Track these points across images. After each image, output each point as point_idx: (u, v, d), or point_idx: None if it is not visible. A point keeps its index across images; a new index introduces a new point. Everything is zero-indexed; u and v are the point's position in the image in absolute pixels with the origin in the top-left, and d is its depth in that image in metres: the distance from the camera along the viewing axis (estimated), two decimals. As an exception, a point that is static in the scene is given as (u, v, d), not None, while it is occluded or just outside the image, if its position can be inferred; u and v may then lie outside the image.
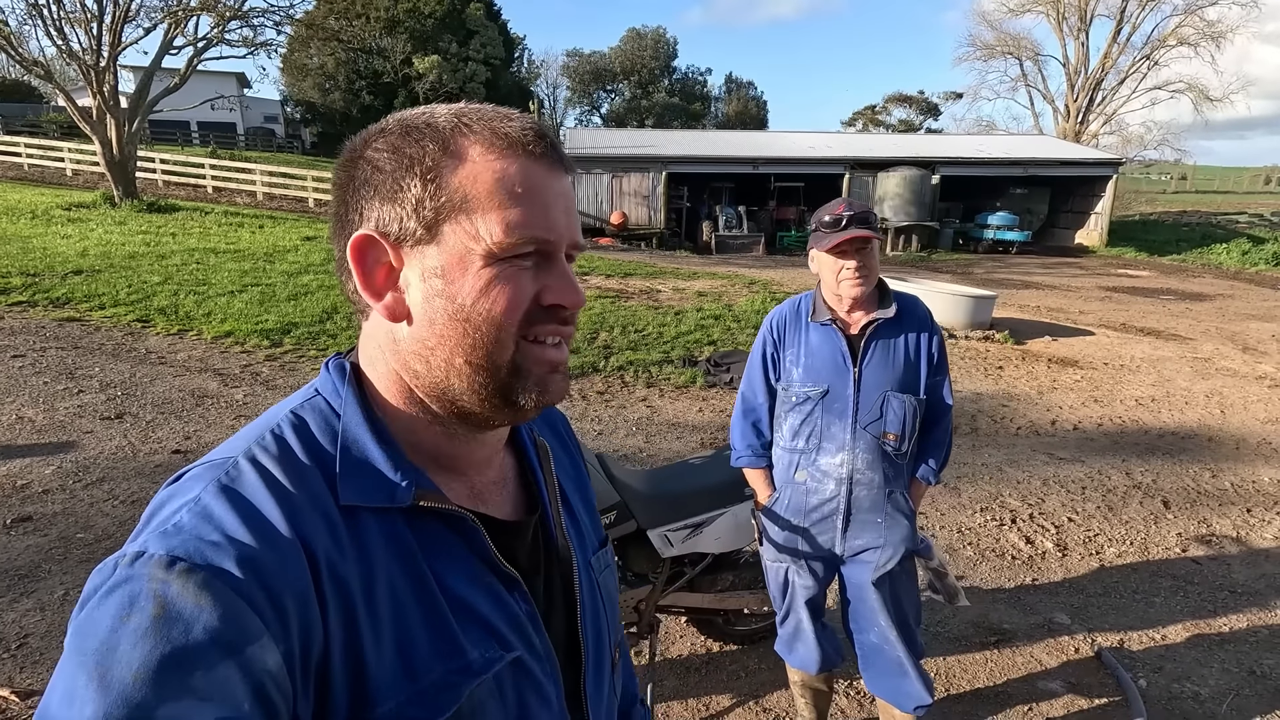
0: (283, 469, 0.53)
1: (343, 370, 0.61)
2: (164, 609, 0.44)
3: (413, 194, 0.55)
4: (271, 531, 0.50)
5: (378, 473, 0.56)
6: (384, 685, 0.52)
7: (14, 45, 13.88)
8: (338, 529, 0.53)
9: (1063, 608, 3.11)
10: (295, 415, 0.58)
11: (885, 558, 1.90)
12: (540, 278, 0.58)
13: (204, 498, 0.50)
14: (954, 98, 47.14)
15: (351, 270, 0.57)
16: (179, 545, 0.46)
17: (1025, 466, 4.73)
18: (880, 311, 1.86)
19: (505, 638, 0.59)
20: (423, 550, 0.57)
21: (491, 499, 0.65)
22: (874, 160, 21.51)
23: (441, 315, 0.56)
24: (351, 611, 0.51)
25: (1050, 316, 10.38)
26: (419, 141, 0.56)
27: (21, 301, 7.66)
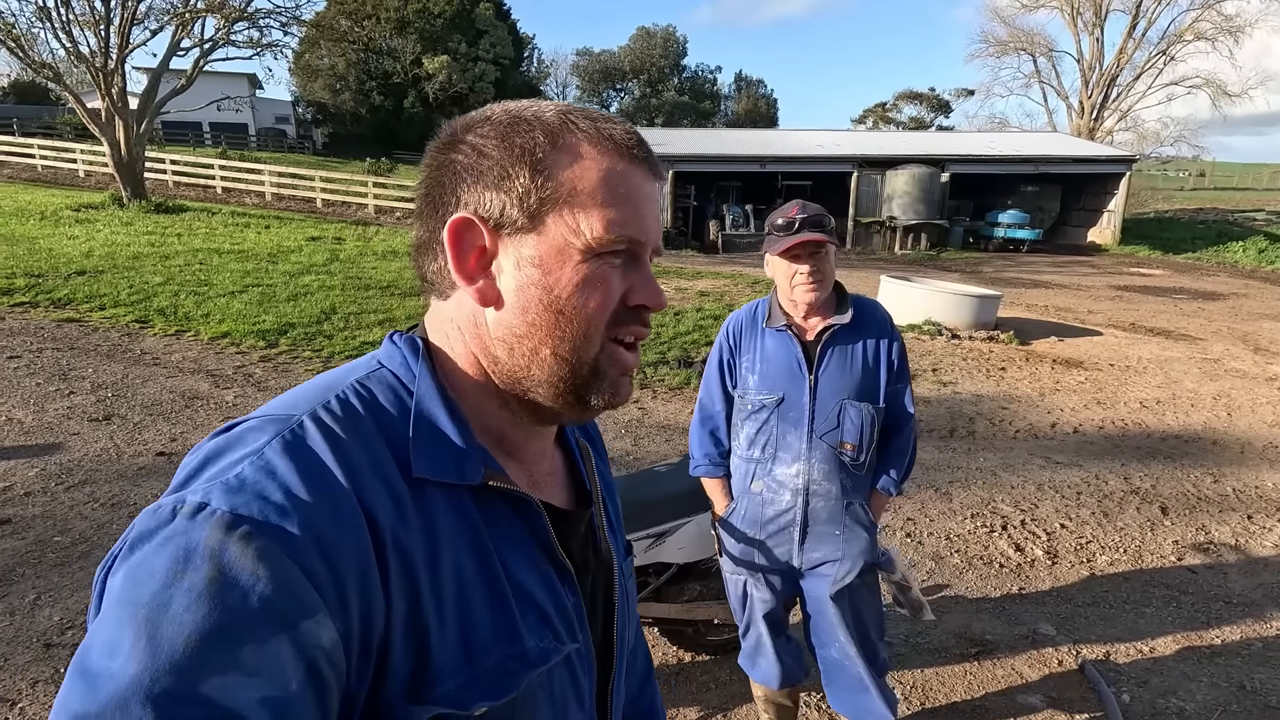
0: (350, 434, 0.52)
1: (415, 346, 0.60)
2: (221, 573, 0.42)
3: (520, 183, 0.56)
4: (337, 497, 0.48)
5: (450, 448, 0.55)
6: (445, 664, 0.51)
7: (23, 48, 14.04)
8: (403, 501, 0.52)
9: (1049, 618, 3.03)
10: (361, 385, 0.56)
11: (843, 571, 1.84)
12: (628, 277, 0.59)
13: (269, 453, 0.48)
14: (966, 95, 46.66)
15: (446, 251, 0.57)
16: (243, 504, 0.45)
17: (1021, 471, 4.63)
18: (837, 317, 1.80)
19: (557, 629, 0.59)
20: (487, 529, 0.56)
21: (547, 489, 0.66)
22: (883, 158, 21.33)
23: (536, 304, 0.57)
24: (415, 586, 0.50)
25: (1058, 316, 10.22)
26: (529, 132, 0.57)
27: (24, 302, 7.73)
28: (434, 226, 0.59)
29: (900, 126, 47.22)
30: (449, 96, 35.70)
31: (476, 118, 0.60)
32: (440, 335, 0.61)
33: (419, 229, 0.61)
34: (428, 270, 0.61)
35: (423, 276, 0.61)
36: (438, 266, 0.59)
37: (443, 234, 0.57)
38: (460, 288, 0.58)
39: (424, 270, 0.61)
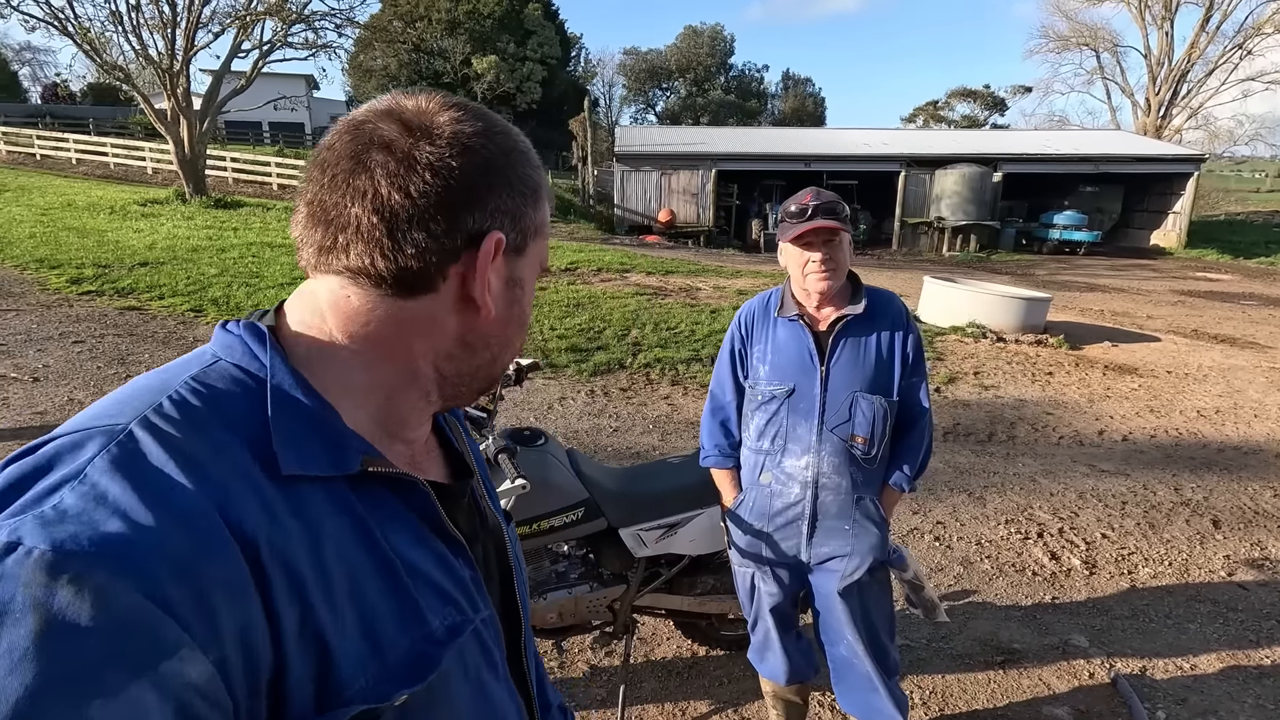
0: (194, 438, 0.46)
1: (259, 333, 0.56)
2: (48, 624, 0.36)
3: (530, 209, 0.60)
4: (191, 514, 0.43)
5: (320, 440, 0.52)
6: (351, 664, 0.48)
7: (97, 51, 14.82)
8: (275, 504, 0.48)
9: (1082, 629, 2.91)
10: (198, 381, 0.51)
11: (852, 567, 1.80)
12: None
13: (92, 474, 0.41)
14: (1023, 92, 45.09)
15: (474, 262, 0.56)
16: (67, 539, 0.38)
17: (1062, 478, 4.45)
18: (850, 307, 1.76)
19: (459, 604, 0.58)
20: (372, 517, 0.54)
21: (428, 467, 0.66)
22: (932, 157, 20.81)
23: (515, 320, 0.62)
24: (303, 592, 0.47)
25: (1113, 321, 9.79)
26: (532, 160, 0.62)
27: (91, 290, 8.16)
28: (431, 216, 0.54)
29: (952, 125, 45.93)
30: (496, 96, 36.24)
31: (505, 129, 0.60)
32: (321, 320, 0.56)
33: (355, 197, 0.53)
34: (353, 251, 0.53)
35: (339, 256, 0.54)
36: (392, 253, 0.53)
37: (458, 241, 0.55)
38: (452, 296, 0.57)
39: (347, 250, 0.54)
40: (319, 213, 0.55)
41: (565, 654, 2.64)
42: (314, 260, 0.56)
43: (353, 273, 0.55)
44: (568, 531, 2.12)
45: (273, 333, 0.57)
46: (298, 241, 0.57)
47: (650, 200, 20.69)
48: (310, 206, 0.55)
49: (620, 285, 10.34)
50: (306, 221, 0.56)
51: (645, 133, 25.85)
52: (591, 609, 2.26)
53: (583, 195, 23.84)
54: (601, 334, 7.44)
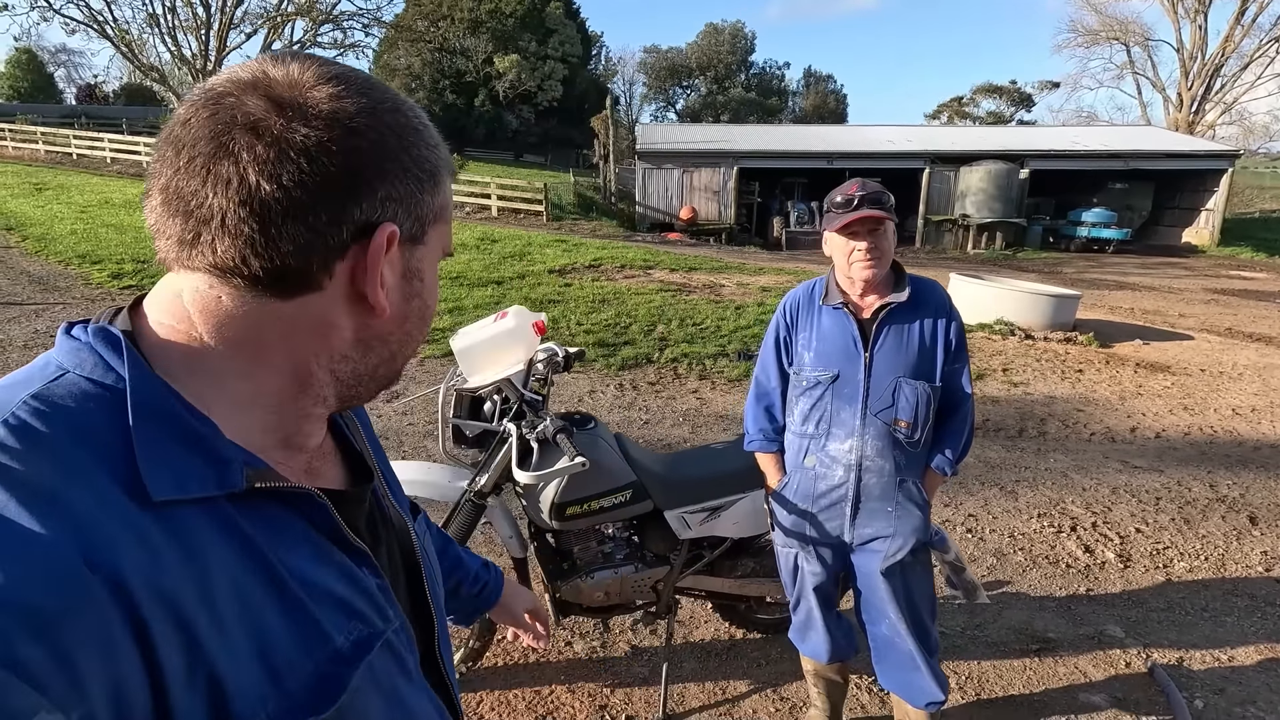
0: (42, 469, 0.41)
1: (111, 338, 0.48)
2: None
3: (427, 194, 0.55)
4: (43, 559, 0.38)
5: (197, 456, 0.46)
6: (250, 696, 0.45)
7: (134, 52, 15.19)
8: (147, 533, 0.42)
9: (1117, 620, 2.92)
10: (39, 400, 0.44)
11: (895, 547, 1.85)
12: None
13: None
14: (1050, 87, 44.38)
15: (365, 258, 0.51)
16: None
17: (1094, 474, 4.44)
18: (894, 295, 1.81)
19: (367, 617, 0.55)
20: (261, 537, 0.49)
21: (325, 473, 0.61)
22: (957, 154, 20.60)
23: (415, 314, 0.58)
24: (189, 630, 0.42)
25: (1144, 319, 9.67)
26: (427, 138, 0.55)
27: (131, 285, 8.41)
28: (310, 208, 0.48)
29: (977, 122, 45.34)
30: (518, 95, 36.46)
31: (395, 103, 0.53)
32: (188, 323, 0.50)
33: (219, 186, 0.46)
34: (220, 247, 0.47)
35: (204, 252, 0.47)
36: (266, 251, 0.47)
37: (343, 235, 0.49)
38: (340, 294, 0.52)
39: (213, 246, 0.47)
40: (176, 201, 0.47)
41: (611, 634, 2.72)
42: (174, 254, 0.49)
43: (221, 271, 0.48)
44: (616, 512, 2.19)
45: (129, 338, 0.49)
46: (153, 230, 0.49)
47: (672, 198, 20.72)
48: (165, 193, 0.48)
49: (644, 282, 10.40)
50: (162, 210, 0.48)
51: (667, 130, 25.88)
52: (636, 589, 2.33)
53: (604, 193, 23.93)
54: (628, 329, 7.51)
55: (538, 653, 2.58)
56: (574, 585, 2.25)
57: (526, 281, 9.77)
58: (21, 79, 39.71)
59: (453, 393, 2.12)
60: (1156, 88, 32.05)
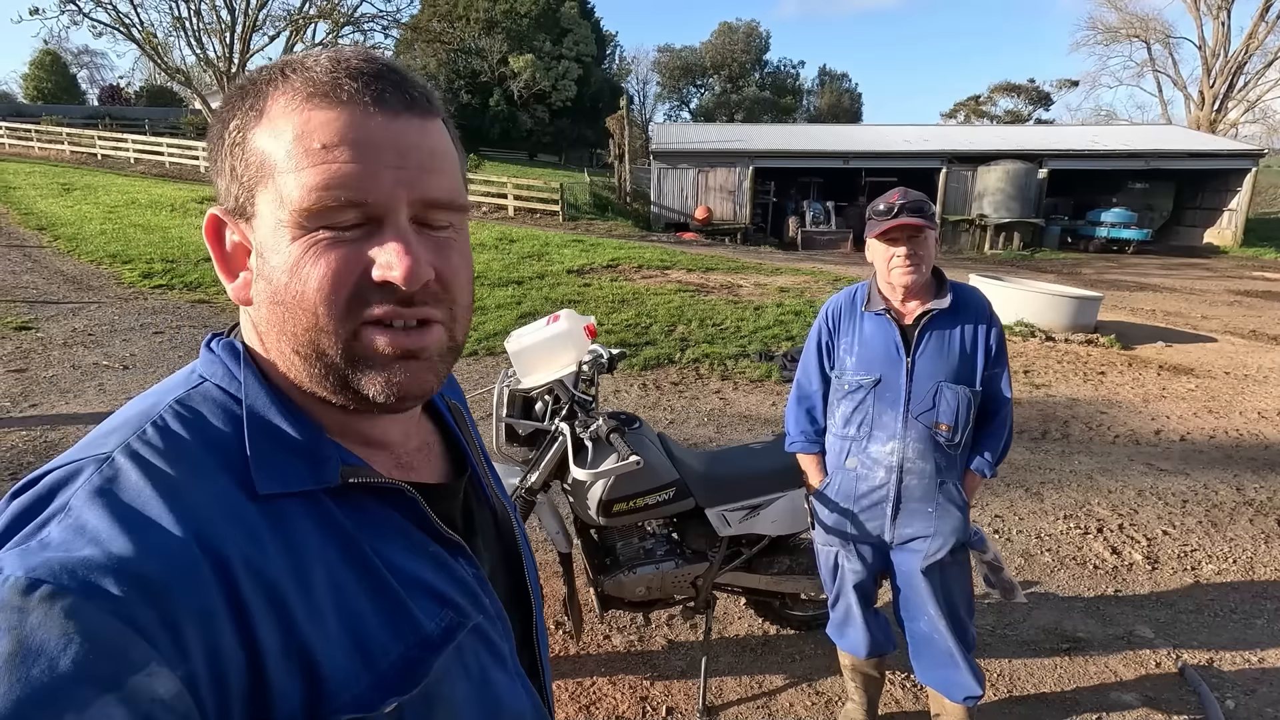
0: (174, 464, 0.47)
1: (235, 351, 0.56)
2: (20, 643, 0.38)
3: (228, 163, 0.52)
4: (162, 540, 0.44)
5: (297, 455, 0.52)
6: (341, 676, 0.48)
7: (160, 55, 15.45)
8: (254, 524, 0.48)
9: (1146, 621, 2.96)
10: (181, 405, 0.52)
11: (935, 547, 1.91)
12: (367, 248, 0.51)
13: (75, 505, 0.44)
14: (1069, 86, 43.94)
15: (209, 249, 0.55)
16: (42, 566, 0.40)
17: (1120, 476, 4.46)
18: (935, 302, 1.87)
19: (459, 605, 0.57)
20: (357, 529, 0.53)
21: (420, 467, 0.63)
22: (974, 154, 20.49)
23: (263, 298, 0.52)
24: (285, 610, 0.47)
25: (1166, 321, 9.60)
26: (237, 101, 0.52)
27: (161, 285, 8.59)
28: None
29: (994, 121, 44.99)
30: (532, 94, 36.62)
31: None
32: (253, 335, 0.56)
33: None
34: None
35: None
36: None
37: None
38: (227, 286, 0.55)
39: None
40: None
41: (649, 627, 2.79)
42: None
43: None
44: (659, 510, 2.27)
45: (250, 351, 0.56)
46: None
47: (687, 197, 20.76)
48: None
49: (662, 282, 10.47)
50: None
51: (682, 130, 25.91)
52: (675, 584, 2.39)
53: (619, 192, 24.01)
54: (649, 329, 7.58)
55: (578, 645, 2.66)
56: (617, 580, 2.33)
57: (546, 281, 9.86)
58: (45, 80, 40.38)
59: (505, 392, 2.20)
60: (1178, 85, 31.68)
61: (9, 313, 7.06)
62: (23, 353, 5.92)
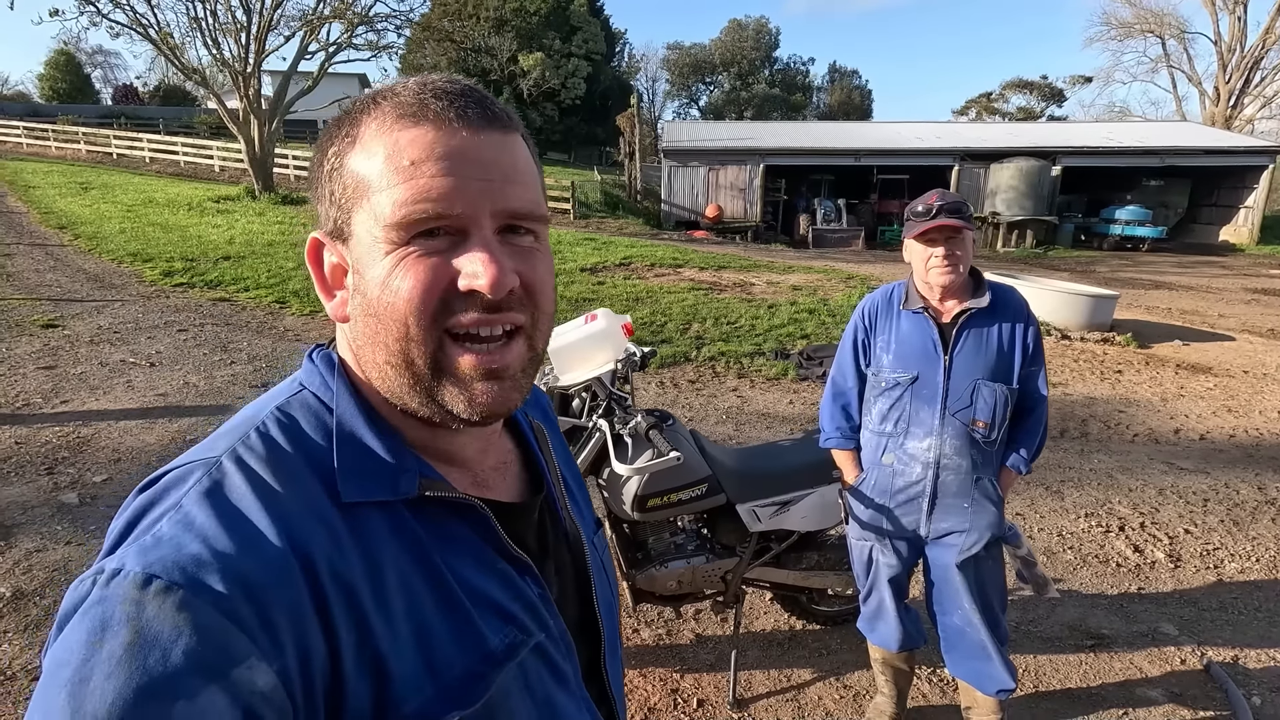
0: (271, 469, 0.51)
1: (331, 362, 0.59)
2: (139, 634, 0.41)
3: (327, 189, 0.55)
4: (260, 541, 0.47)
5: (379, 466, 0.54)
6: (408, 683, 0.50)
7: (177, 55, 15.59)
8: (337, 529, 0.51)
9: (1170, 619, 2.97)
10: (281, 411, 0.55)
11: (970, 541, 1.94)
12: (453, 259, 0.53)
13: (186, 504, 0.47)
14: (1082, 82, 43.60)
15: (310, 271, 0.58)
16: (156, 561, 0.44)
17: (1140, 475, 4.46)
18: (973, 301, 1.90)
19: (523, 623, 0.58)
20: (431, 541, 0.55)
21: (495, 485, 0.64)
22: (987, 151, 20.39)
23: (359, 312, 0.55)
24: (361, 613, 0.49)
25: (1182, 319, 9.56)
26: (334, 131, 0.56)
27: (183, 283, 8.69)
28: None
29: (1007, 118, 44.69)
30: (542, 92, 36.68)
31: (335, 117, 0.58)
32: (348, 351, 0.59)
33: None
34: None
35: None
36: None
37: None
38: (325, 305, 0.59)
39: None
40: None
41: (677, 621, 2.84)
42: None
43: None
44: (692, 505, 2.31)
45: (343, 363, 0.59)
46: None
47: (697, 195, 20.76)
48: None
49: (675, 280, 10.50)
50: None
51: (693, 128, 25.90)
52: (706, 579, 2.43)
53: (630, 191, 24.03)
54: (664, 327, 7.62)
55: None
56: (649, 574, 2.37)
57: (560, 280, 9.90)
58: (61, 80, 40.76)
59: (543, 389, 2.25)
60: (1193, 81, 31.40)
61: (35, 310, 7.17)
62: (51, 350, 6.02)
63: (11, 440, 4.27)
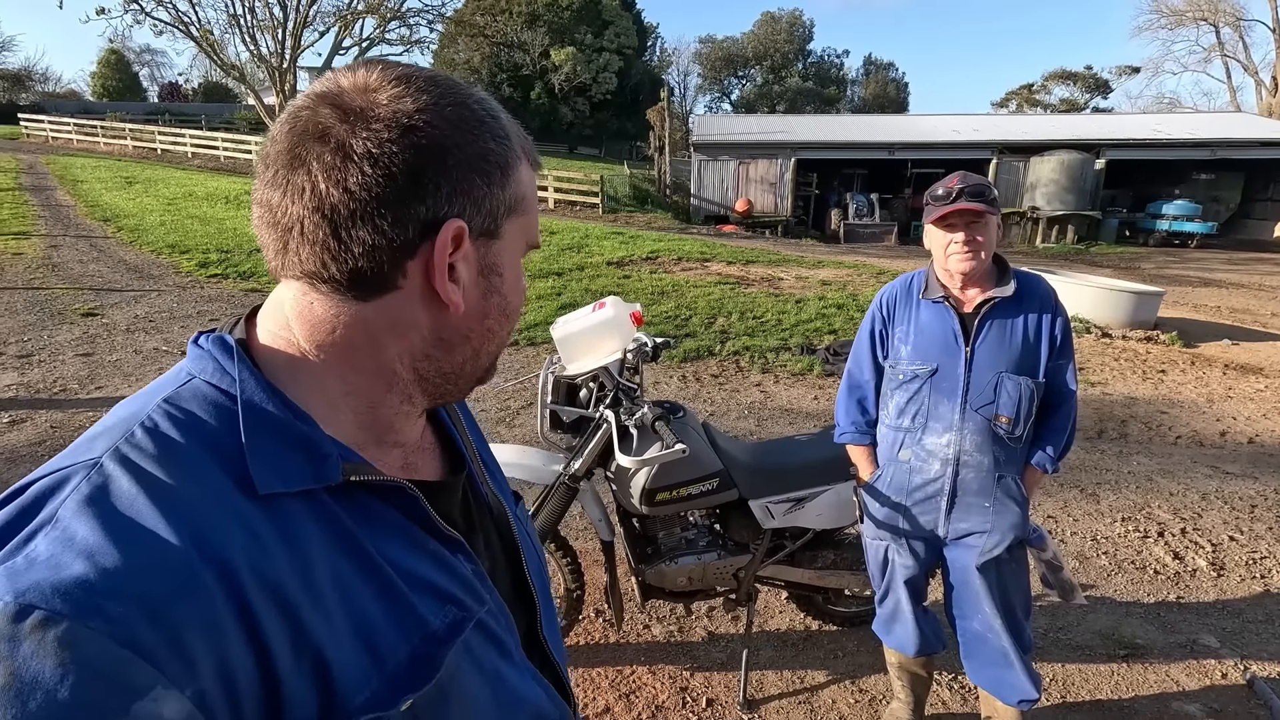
0: (166, 467, 0.45)
1: (226, 345, 0.53)
2: (15, 676, 0.36)
3: (495, 188, 0.55)
4: (158, 550, 0.41)
5: (298, 452, 0.50)
6: (352, 676, 0.48)
7: (217, 52, 15.96)
8: (255, 524, 0.46)
9: (1211, 630, 2.82)
10: (170, 404, 0.49)
11: (992, 543, 1.84)
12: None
13: (64, 517, 0.41)
14: (1129, 72, 42.10)
15: (431, 255, 0.52)
16: (32, 588, 0.38)
17: (1181, 479, 4.26)
18: (997, 290, 1.80)
19: (461, 600, 0.57)
20: (358, 527, 0.52)
21: (421, 465, 0.64)
22: (1027, 144, 19.80)
23: (495, 310, 0.58)
24: (293, 614, 0.46)
25: (1232, 318, 9.15)
26: (492, 131, 0.55)
27: (217, 274, 8.89)
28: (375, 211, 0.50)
29: (1049, 110, 43.38)
30: (573, 87, 36.73)
31: (425, 91, 0.52)
32: (288, 330, 0.54)
33: (295, 195, 0.50)
34: (303, 254, 0.51)
35: (293, 260, 0.51)
36: (341, 255, 0.50)
37: (410, 234, 0.51)
38: (416, 293, 0.54)
39: (298, 254, 0.51)
40: (267, 213, 0.51)
41: (689, 618, 2.78)
42: (274, 264, 0.53)
43: (309, 277, 0.52)
44: (702, 499, 2.25)
45: (243, 345, 0.54)
46: (259, 243, 0.54)
47: (727, 190, 20.56)
48: (260, 206, 0.52)
49: (702, 274, 10.41)
50: (259, 222, 0.53)
51: (723, 121, 25.65)
52: (717, 576, 2.37)
53: (659, 185, 23.92)
54: (688, 321, 7.55)
55: (618, 634, 2.66)
56: (658, 570, 2.32)
57: (586, 273, 9.89)
58: (111, 78, 42.15)
59: (550, 378, 2.21)
60: (1249, 71, 30.07)
61: (77, 299, 7.40)
62: (89, 338, 6.20)
63: (48, 424, 4.39)
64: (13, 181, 16.20)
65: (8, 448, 4.04)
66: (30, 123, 27.45)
